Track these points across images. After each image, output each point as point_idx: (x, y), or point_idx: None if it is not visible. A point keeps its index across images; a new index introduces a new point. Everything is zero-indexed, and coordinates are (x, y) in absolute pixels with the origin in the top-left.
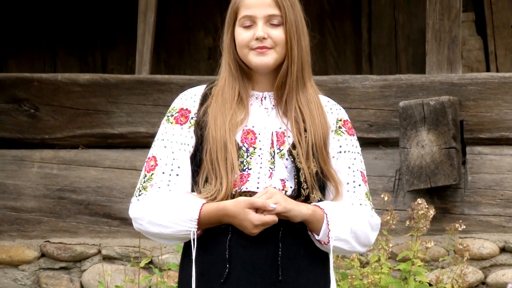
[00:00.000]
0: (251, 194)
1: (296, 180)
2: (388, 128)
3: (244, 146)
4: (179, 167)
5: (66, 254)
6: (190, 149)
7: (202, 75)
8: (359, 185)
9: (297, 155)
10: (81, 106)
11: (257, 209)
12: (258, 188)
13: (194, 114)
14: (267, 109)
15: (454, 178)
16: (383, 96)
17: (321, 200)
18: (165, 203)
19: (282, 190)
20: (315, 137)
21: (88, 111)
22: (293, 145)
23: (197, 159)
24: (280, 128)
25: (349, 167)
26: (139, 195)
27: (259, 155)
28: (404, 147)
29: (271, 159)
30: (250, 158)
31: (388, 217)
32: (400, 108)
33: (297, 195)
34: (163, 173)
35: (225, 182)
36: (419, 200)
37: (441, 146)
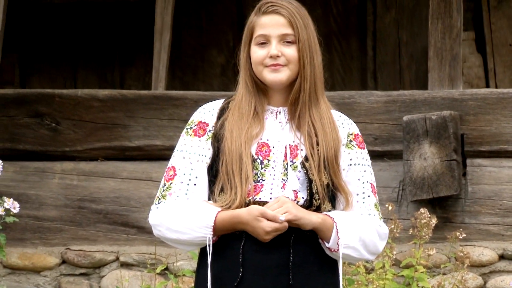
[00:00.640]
0: (264, 204)
1: (309, 191)
2: (392, 141)
3: (259, 158)
4: (197, 177)
5: (86, 261)
6: (207, 160)
7: (215, 91)
8: (368, 196)
9: (310, 168)
10: (100, 120)
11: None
12: (271, 199)
13: (212, 127)
14: (281, 123)
15: (455, 189)
16: (388, 111)
17: (331, 211)
18: (183, 211)
19: (294, 201)
20: (327, 151)
21: (107, 125)
22: (306, 158)
23: (214, 170)
24: (294, 142)
25: (359, 179)
26: (159, 203)
27: (273, 167)
28: (408, 159)
29: (284, 171)
30: (264, 170)
31: (392, 226)
32: (404, 122)
33: (309, 205)
34: (181, 183)
35: (240, 192)
36: (422, 210)
37: (443, 159)
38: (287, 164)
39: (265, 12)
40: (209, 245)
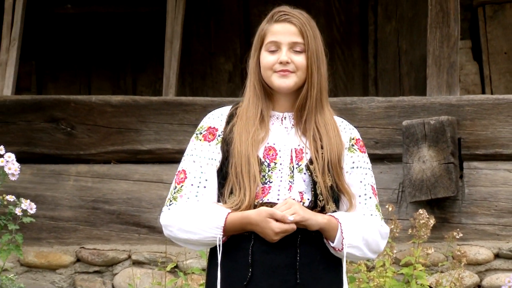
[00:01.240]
0: (272, 205)
1: (313, 192)
2: (392, 145)
3: (266, 162)
4: (207, 180)
5: (99, 259)
6: (217, 164)
7: (223, 97)
8: (370, 198)
9: (314, 170)
10: (113, 125)
11: (278, 219)
12: (278, 200)
13: (221, 132)
14: (287, 128)
15: (452, 191)
16: (388, 116)
17: (336, 211)
18: (194, 212)
19: (300, 202)
20: (331, 155)
21: (120, 130)
22: (311, 161)
23: (223, 173)
24: (299, 145)
25: (361, 181)
26: (170, 205)
27: (280, 170)
28: (407, 162)
29: (291, 173)
30: (271, 172)
31: (392, 226)
32: (403, 127)
33: (314, 206)
34: (192, 185)
35: (248, 193)
36: (420, 211)
37: (441, 162)
38: (293, 167)
39: (278, 20)
40: (219, 245)
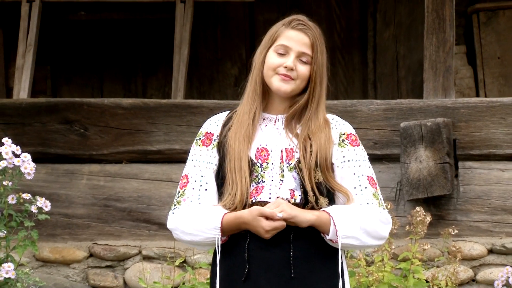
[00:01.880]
0: (264, 204)
1: (302, 189)
2: (391, 146)
3: (259, 162)
4: (207, 183)
5: (111, 255)
6: (214, 167)
7: (229, 100)
8: (366, 188)
9: (302, 168)
10: (125, 127)
11: (268, 217)
12: (270, 198)
13: (217, 136)
14: (279, 129)
15: (448, 189)
16: (386, 118)
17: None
18: (193, 215)
19: (292, 199)
20: (320, 154)
21: (131, 131)
22: (299, 160)
23: (221, 173)
24: (290, 145)
25: (354, 173)
26: (174, 209)
27: (271, 169)
28: (405, 162)
29: (281, 172)
30: (264, 172)
31: None
32: (401, 128)
33: (305, 203)
34: (193, 189)
35: (240, 187)
36: (417, 208)
37: (437, 161)
38: (284, 166)
39: (294, 27)
40: (218, 245)
